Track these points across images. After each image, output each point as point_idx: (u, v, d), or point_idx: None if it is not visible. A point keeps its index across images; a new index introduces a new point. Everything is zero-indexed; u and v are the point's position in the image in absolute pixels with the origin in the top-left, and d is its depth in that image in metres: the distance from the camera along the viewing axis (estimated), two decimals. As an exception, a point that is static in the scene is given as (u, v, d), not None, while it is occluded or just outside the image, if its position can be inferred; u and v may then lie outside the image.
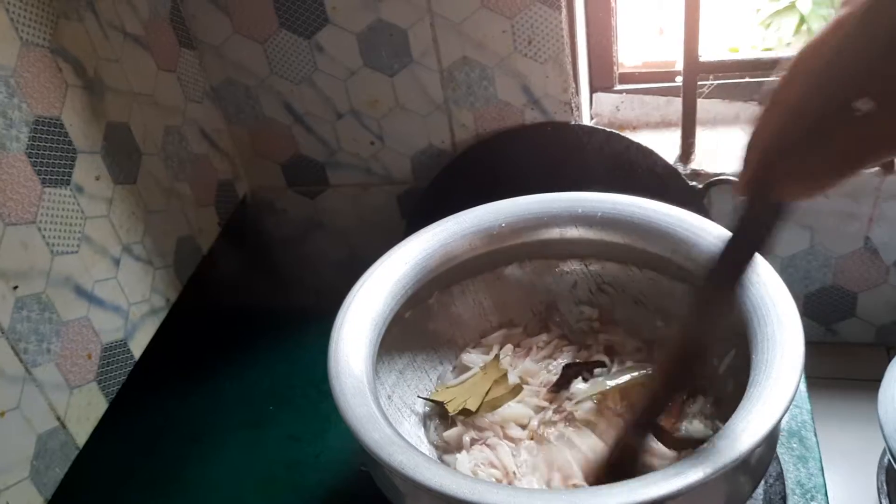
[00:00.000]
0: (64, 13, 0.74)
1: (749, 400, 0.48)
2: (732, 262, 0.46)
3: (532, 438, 0.62)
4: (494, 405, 0.63)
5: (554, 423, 0.61)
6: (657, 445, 0.55)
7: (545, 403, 0.64)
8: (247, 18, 0.95)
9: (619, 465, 0.55)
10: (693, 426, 0.59)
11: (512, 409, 0.63)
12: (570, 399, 0.63)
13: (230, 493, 0.73)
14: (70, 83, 0.74)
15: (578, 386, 0.63)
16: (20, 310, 0.66)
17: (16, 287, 0.66)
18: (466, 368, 0.68)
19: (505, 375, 0.65)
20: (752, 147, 0.40)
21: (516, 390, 0.64)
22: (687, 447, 0.54)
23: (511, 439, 0.62)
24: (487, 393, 0.63)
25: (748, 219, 0.44)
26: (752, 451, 0.45)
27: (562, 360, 0.67)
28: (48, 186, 0.71)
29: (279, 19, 0.95)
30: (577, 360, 0.67)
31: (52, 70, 0.72)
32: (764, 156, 0.39)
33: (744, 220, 0.44)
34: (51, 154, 0.71)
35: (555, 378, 0.65)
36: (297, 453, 0.75)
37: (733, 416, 0.48)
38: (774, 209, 0.42)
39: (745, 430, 0.46)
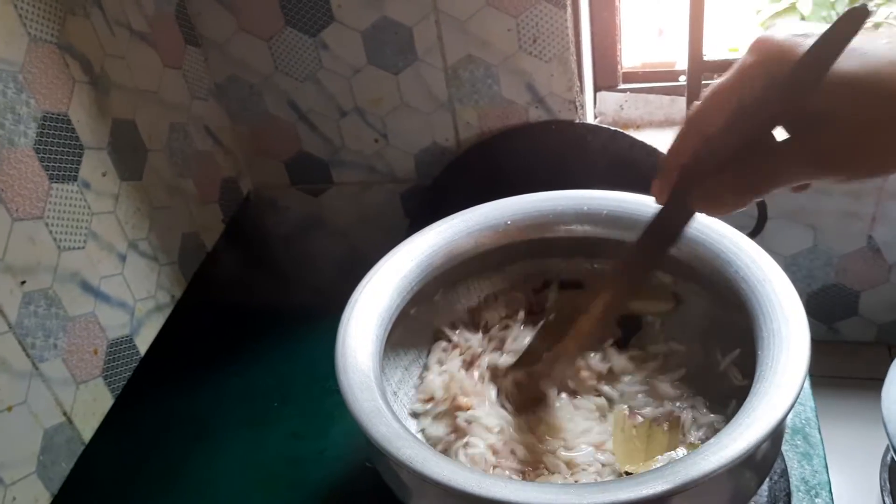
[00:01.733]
0: (71, 9, 0.74)
1: (755, 395, 0.49)
2: (647, 249, 0.54)
3: None
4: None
5: None
6: None
7: None
8: (252, 16, 0.96)
9: None
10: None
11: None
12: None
13: (234, 489, 0.73)
14: (77, 79, 0.74)
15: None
16: (27, 305, 0.67)
17: (23, 282, 0.66)
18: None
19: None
20: (668, 164, 0.47)
21: None
22: None
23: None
24: None
25: (663, 219, 0.51)
26: (758, 446, 0.46)
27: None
28: (56, 182, 0.71)
29: (285, 17, 0.95)
30: None
31: (60, 66, 0.72)
32: (680, 175, 0.47)
33: (659, 220, 0.51)
34: (58, 150, 0.72)
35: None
36: (301, 450, 0.75)
37: (740, 411, 0.48)
38: (686, 214, 0.49)
39: (752, 424, 0.46)
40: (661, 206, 0.51)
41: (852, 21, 0.39)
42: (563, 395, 0.63)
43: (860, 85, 0.38)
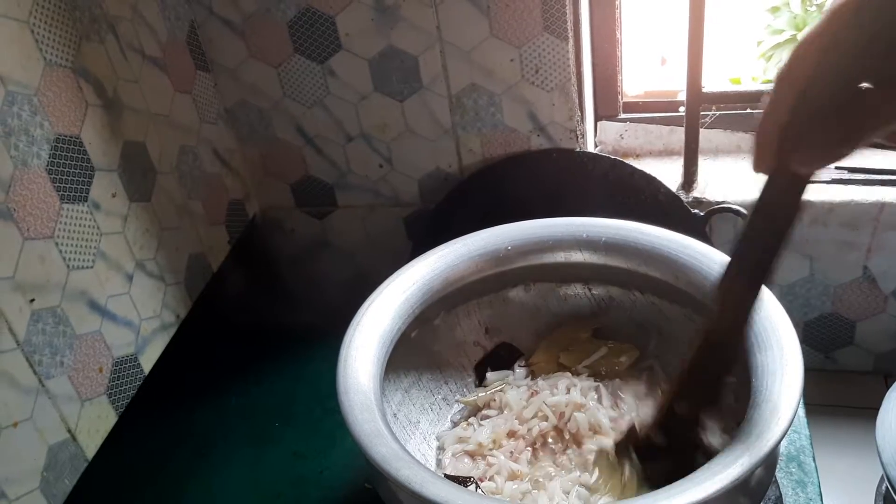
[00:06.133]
0: (86, 35, 0.76)
1: (749, 422, 0.50)
2: (754, 248, 0.48)
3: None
4: None
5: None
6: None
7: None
8: (262, 43, 0.98)
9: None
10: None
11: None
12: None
13: (235, 508, 0.73)
14: (90, 102, 0.76)
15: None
16: (36, 322, 0.68)
17: (32, 300, 0.68)
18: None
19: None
20: (765, 125, 0.43)
21: None
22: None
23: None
24: None
25: (769, 197, 0.46)
26: (751, 473, 0.46)
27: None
28: (66, 202, 0.73)
29: (293, 44, 0.97)
30: None
31: (74, 90, 0.74)
32: (779, 132, 0.42)
33: (764, 199, 0.46)
34: (70, 171, 0.73)
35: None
36: (302, 470, 0.76)
37: (733, 438, 0.49)
38: (797, 182, 0.44)
39: (745, 451, 0.47)
40: (764, 183, 0.45)
41: None
42: None
43: None
